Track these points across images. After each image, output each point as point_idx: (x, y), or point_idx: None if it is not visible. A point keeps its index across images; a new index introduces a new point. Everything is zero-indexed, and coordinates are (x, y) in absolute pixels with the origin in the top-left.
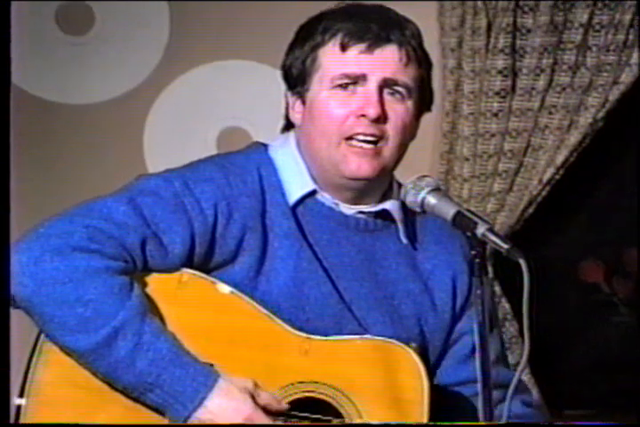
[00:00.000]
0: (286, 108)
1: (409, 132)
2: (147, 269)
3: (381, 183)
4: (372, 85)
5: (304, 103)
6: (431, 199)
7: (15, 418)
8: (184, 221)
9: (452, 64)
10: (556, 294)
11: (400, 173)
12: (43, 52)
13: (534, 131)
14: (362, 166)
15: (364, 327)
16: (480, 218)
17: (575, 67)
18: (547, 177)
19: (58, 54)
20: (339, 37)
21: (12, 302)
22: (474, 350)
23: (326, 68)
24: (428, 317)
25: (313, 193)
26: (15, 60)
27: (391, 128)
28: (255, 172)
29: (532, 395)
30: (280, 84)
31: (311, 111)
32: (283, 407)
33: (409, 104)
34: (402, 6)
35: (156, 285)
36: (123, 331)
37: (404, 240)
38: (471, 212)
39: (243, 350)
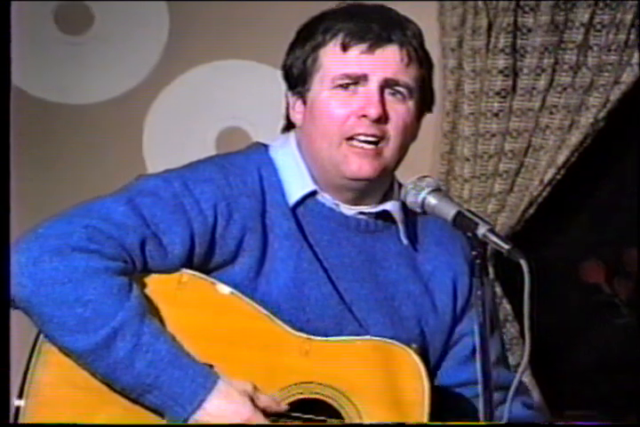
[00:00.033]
0: (287, 108)
1: (410, 132)
2: (146, 270)
3: (382, 184)
4: (373, 86)
5: (305, 103)
6: (432, 200)
7: (14, 419)
8: (183, 222)
9: (452, 64)
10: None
11: (400, 173)
12: (41, 51)
13: (535, 131)
14: (363, 167)
15: (364, 328)
16: (481, 218)
17: (576, 67)
18: (548, 177)
19: (56, 54)
20: (340, 37)
21: (12, 302)
22: (474, 351)
23: (327, 68)
24: (428, 318)
25: (313, 194)
26: (14, 60)
27: (392, 128)
28: (255, 172)
29: (533, 397)
30: (280, 84)
31: (312, 111)
32: (282, 409)
33: (410, 104)
34: (402, 6)
35: (156, 285)
36: (122, 332)
37: (404, 241)
38: (472, 212)
39: (243, 350)
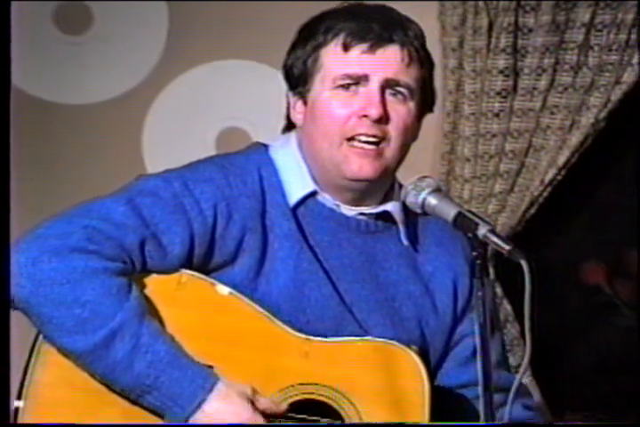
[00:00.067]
0: (287, 108)
1: (411, 133)
2: (146, 270)
3: (383, 184)
4: (374, 86)
5: (305, 103)
6: (432, 200)
7: (14, 419)
8: (183, 222)
9: (453, 64)
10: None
11: (401, 173)
12: (41, 51)
13: (536, 131)
14: (363, 167)
15: (364, 329)
16: (481, 219)
17: (577, 67)
18: (548, 178)
19: (56, 54)
20: (341, 37)
21: (12, 302)
22: (475, 352)
23: (328, 68)
24: (428, 319)
25: (314, 194)
26: (14, 60)
27: (393, 129)
28: (255, 172)
29: (533, 398)
30: (280, 84)
31: (313, 111)
32: (282, 410)
33: (411, 105)
34: (403, 6)
35: (155, 286)
36: (121, 332)
37: (404, 242)
38: (472, 213)
39: (242, 351)
